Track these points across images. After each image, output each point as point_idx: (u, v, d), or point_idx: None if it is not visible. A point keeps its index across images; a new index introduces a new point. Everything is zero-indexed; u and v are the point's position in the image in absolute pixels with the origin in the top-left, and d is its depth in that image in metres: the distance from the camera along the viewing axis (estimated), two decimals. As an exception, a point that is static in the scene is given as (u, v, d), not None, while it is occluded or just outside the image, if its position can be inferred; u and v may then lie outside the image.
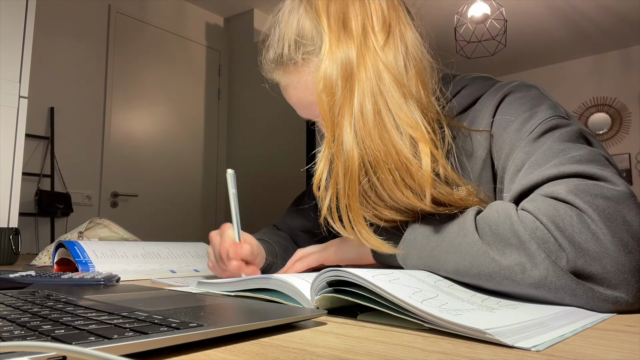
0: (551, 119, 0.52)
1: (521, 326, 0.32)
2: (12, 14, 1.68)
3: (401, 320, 0.36)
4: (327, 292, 0.38)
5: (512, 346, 0.28)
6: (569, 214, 0.41)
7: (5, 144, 1.63)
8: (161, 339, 0.25)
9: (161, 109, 3.30)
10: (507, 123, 0.55)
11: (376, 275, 0.37)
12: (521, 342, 0.28)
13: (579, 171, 0.45)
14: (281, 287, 0.43)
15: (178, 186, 3.36)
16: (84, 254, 0.76)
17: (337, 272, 0.37)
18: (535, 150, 0.50)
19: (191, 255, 0.92)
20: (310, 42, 0.57)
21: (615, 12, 3.57)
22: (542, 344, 0.28)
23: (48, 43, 2.73)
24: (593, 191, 0.42)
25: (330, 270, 0.38)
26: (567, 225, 0.40)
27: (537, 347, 0.28)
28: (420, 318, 0.33)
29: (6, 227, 1.18)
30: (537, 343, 0.28)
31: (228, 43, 3.76)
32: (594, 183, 0.43)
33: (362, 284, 0.36)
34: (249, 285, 0.46)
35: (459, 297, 0.40)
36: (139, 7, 3.24)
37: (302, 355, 0.26)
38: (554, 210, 0.42)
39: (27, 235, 2.58)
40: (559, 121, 0.52)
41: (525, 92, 0.57)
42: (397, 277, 0.39)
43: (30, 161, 2.60)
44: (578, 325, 0.34)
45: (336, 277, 0.37)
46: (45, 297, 0.42)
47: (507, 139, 0.55)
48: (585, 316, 0.38)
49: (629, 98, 4.24)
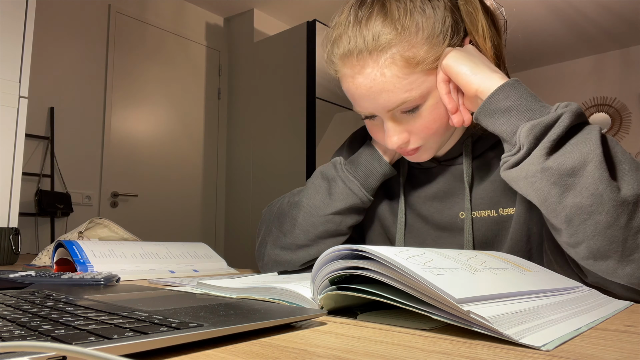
0: None
1: (516, 315, 0.32)
2: (12, 14, 1.68)
3: (401, 320, 0.36)
4: (330, 291, 0.38)
5: (517, 341, 0.28)
6: None
7: (5, 144, 1.63)
8: (161, 339, 0.25)
9: (161, 109, 3.30)
10: None
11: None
12: (526, 338, 0.28)
13: None
14: (282, 295, 0.43)
15: (178, 186, 3.36)
16: (82, 254, 0.76)
17: (340, 251, 0.36)
18: None
19: (190, 255, 0.92)
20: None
21: (615, 12, 3.57)
22: (551, 343, 0.28)
23: (48, 43, 2.73)
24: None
25: (335, 251, 0.37)
26: None
27: (546, 345, 0.28)
28: (408, 282, 0.32)
29: (6, 227, 1.18)
30: (546, 341, 0.28)
31: (228, 43, 3.76)
32: None
33: (357, 248, 0.35)
34: (249, 293, 0.46)
35: (445, 255, 0.40)
36: (139, 7, 3.24)
37: (302, 355, 0.26)
38: None
39: (27, 235, 2.58)
40: None
41: None
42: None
43: (30, 161, 2.60)
44: (582, 323, 0.34)
45: (338, 271, 0.37)
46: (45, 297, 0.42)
47: None
48: (577, 308, 0.39)
49: (629, 98, 4.24)
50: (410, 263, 0.33)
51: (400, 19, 0.58)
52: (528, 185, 0.52)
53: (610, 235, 0.47)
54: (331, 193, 0.71)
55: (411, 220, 0.74)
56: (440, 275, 0.33)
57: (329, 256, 0.37)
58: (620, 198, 0.47)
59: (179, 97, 3.41)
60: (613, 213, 0.47)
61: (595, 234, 0.48)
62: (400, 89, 0.59)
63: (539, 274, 0.48)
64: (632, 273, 0.48)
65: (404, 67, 0.58)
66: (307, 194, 0.73)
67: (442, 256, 0.39)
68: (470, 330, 0.31)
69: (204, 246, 0.99)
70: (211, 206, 3.58)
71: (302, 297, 0.41)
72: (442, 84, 0.60)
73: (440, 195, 0.71)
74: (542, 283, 0.43)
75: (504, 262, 0.46)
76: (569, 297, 0.43)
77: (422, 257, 0.36)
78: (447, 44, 0.60)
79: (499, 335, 0.29)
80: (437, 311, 0.32)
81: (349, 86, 0.63)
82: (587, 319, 0.36)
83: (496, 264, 0.44)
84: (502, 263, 0.46)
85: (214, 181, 3.62)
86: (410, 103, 0.60)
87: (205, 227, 3.52)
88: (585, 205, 0.48)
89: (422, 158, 0.67)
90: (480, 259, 0.44)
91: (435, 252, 0.40)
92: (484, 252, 0.50)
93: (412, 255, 0.36)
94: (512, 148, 0.54)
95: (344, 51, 0.61)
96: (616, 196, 0.47)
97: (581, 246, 0.49)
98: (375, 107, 0.62)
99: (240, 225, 3.48)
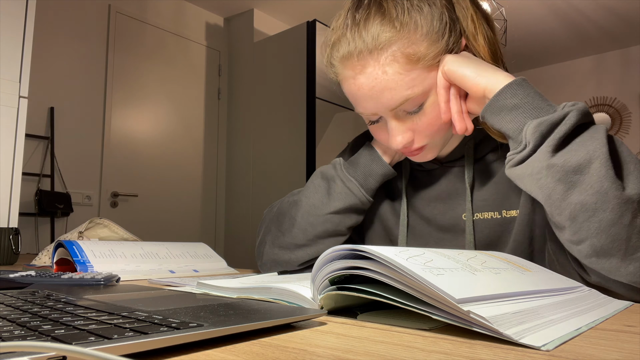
0: None
1: (516, 315, 0.32)
2: (12, 14, 1.68)
3: (401, 320, 0.36)
4: (330, 291, 0.38)
5: (517, 341, 0.28)
6: None
7: (5, 144, 1.63)
8: (161, 339, 0.25)
9: (161, 109, 3.30)
10: None
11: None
12: (526, 338, 0.28)
13: None
14: (282, 295, 0.43)
15: (178, 186, 3.36)
16: (82, 254, 0.76)
17: (341, 251, 0.36)
18: None
19: (190, 255, 0.92)
20: None
21: (615, 12, 3.57)
22: (551, 343, 0.28)
23: (48, 43, 2.73)
24: None
25: (335, 251, 0.37)
26: None
27: (546, 345, 0.28)
28: (408, 282, 0.33)
29: (6, 227, 1.18)
30: (546, 341, 0.28)
31: (228, 43, 3.76)
32: None
33: (357, 248, 0.35)
34: (249, 293, 0.46)
35: (445, 255, 0.40)
36: (139, 7, 3.24)
37: (302, 355, 0.26)
38: None
39: (27, 235, 2.58)
40: None
41: None
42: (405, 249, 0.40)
43: (30, 161, 2.60)
44: (582, 323, 0.34)
45: (338, 271, 0.37)
46: (45, 297, 0.42)
47: None
48: (577, 308, 0.38)
49: (629, 98, 4.24)
50: (410, 263, 0.33)
51: (398, 17, 0.58)
52: (533, 182, 0.52)
53: (614, 233, 0.47)
54: (330, 192, 0.71)
55: (413, 221, 0.74)
56: (440, 275, 0.33)
57: (329, 256, 0.37)
58: (624, 196, 0.47)
59: (179, 97, 3.41)
60: (617, 211, 0.47)
61: (599, 232, 0.48)
62: (403, 86, 0.59)
63: (539, 274, 0.48)
64: (635, 272, 0.48)
65: (406, 63, 0.58)
66: (306, 194, 0.73)
67: (442, 256, 0.39)
68: (470, 331, 0.31)
69: (204, 246, 0.99)
70: (211, 206, 3.58)
71: (302, 297, 0.41)
72: (442, 90, 0.60)
73: (443, 197, 0.71)
74: (542, 283, 0.43)
75: (504, 262, 0.46)
76: (568, 297, 0.43)
77: (422, 257, 0.36)
78: (446, 40, 0.60)
79: (499, 335, 0.29)
80: (437, 311, 0.32)
81: (351, 88, 0.62)
82: (587, 318, 0.36)
83: (496, 264, 0.44)
84: (502, 263, 0.46)
85: (214, 181, 3.62)
86: (413, 100, 0.60)
87: (205, 227, 3.52)
88: (590, 203, 0.48)
89: (426, 157, 0.67)
90: (480, 259, 0.44)
91: (435, 252, 0.40)
92: (484, 252, 0.50)
93: (412, 255, 0.36)
94: (518, 146, 0.54)
95: (344, 53, 0.61)
96: (620, 194, 0.47)
97: (584, 244, 0.49)
98: (378, 107, 0.62)
99: (240, 226, 3.48)
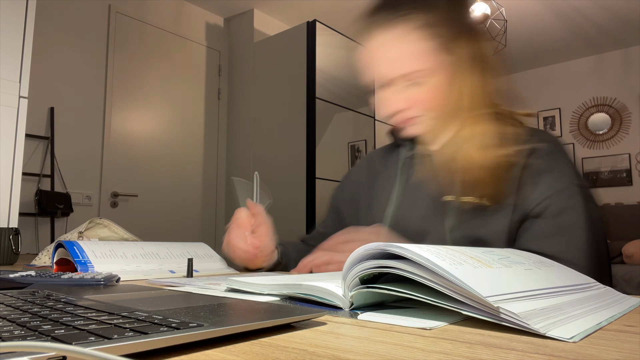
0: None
1: (543, 311, 0.34)
2: (12, 14, 1.68)
3: (401, 320, 0.36)
4: (361, 288, 0.39)
5: (545, 335, 0.29)
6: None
7: (5, 144, 1.63)
8: (161, 339, 0.25)
9: (161, 109, 3.30)
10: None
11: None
12: (553, 331, 0.30)
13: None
14: (312, 291, 0.44)
15: (178, 186, 3.36)
16: (83, 254, 0.76)
17: (377, 247, 0.38)
18: None
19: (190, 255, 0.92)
20: None
21: (615, 12, 3.57)
22: (577, 335, 0.29)
23: (48, 43, 2.73)
24: None
25: (369, 249, 0.38)
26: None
27: (573, 338, 0.29)
28: (439, 281, 0.34)
29: (6, 227, 1.18)
30: (573, 334, 0.30)
31: (228, 43, 3.76)
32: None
33: (388, 249, 0.37)
34: (280, 289, 0.47)
35: (467, 254, 0.42)
36: (139, 7, 3.24)
37: (302, 355, 0.26)
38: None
39: (27, 235, 2.58)
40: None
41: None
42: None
43: (30, 161, 2.60)
44: (602, 318, 0.35)
45: (370, 268, 0.38)
46: (45, 297, 0.42)
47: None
48: (596, 304, 0.40)
49: (629, 98, 4.24)
50: (441, 261, 0.35)
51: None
52: None
53: None
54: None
55: (402, 200, 0.84)
56: (469, 273, 0.35)
57: (359, 254, 0.39)
58: None
59: (179, 97, 3.41)
60: None
61: None
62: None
63: (556, 270, 0.50)
64: None
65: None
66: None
67: (464, 255, 0.41)
68: (470, 331, 0.31)
69: (204, 246, 0.99)
70: (211, 206, 3.58)
71: (333, 293, 0.42)
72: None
73: (431, 179, 0.78)
74: (561, 279, 0.46)
75: (524, 259, 0.48)
76: (587, 295, 0.45)
77: (449, 256, 0.38)
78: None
79: (528, 329, 0.30)
80: (465, 307, 0.34)
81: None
82: (607, 314, 0.37)
83: (517, 260, 0.46)
84: (522, 259, 0.48)
85: (214, 181, 3.62)
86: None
87: (205, 227, 3.52)
88: None
89: (413, 131, 0.79)
90: (500, 254, 0.46)
91: (459, 251, 0.41)
92: (504, 249, 0.52)
93: (440, 253, 0.38)
94: None
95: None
96: None
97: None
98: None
99: (240, 225, 3.48)
